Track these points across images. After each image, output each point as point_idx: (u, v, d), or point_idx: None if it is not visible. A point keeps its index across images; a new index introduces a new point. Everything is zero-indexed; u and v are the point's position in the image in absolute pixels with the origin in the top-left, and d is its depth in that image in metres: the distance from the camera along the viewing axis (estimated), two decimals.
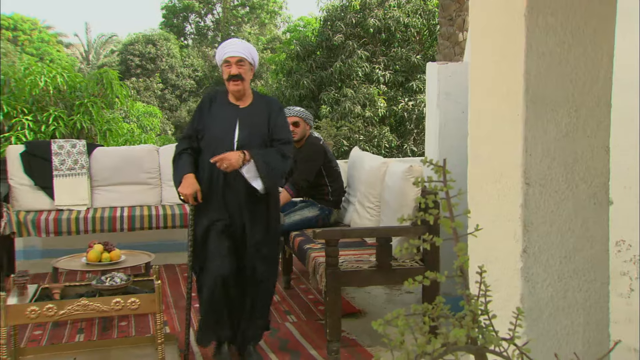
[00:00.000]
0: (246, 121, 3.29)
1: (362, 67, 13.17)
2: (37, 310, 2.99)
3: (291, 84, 14.10)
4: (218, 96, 3.39)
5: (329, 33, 13.74)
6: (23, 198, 5.06)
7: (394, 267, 3.49)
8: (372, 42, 13.77)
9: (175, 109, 27.69)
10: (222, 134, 3.26)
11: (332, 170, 4.56)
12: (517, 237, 1.94)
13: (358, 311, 4.20)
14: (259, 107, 3.34)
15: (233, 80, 3.25)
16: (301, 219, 4.43)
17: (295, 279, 4.96)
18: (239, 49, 3.26)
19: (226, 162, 3.10)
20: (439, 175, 1.33)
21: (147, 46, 27.43)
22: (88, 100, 7.99)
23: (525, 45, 1.87)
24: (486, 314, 1.32)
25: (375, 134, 12.70)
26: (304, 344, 3.60)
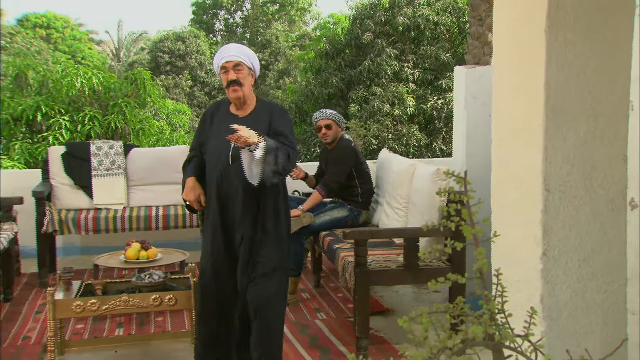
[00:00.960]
0: None
1: (391, 65, 13.24)
2: (81, 305, 3.21)
3: (320, 83, 14.24)
4: (221, 107, 3.24)
5: (358, 31, 13.83)
6: (64, 197, 5.30)
7: (421, 267, 3.62)
8: (401, 40, 13.84)
9: (204, 106, 28.05)
10: (218, 148, 3.07)
11: (363, 172, 4.70)
12: (538, 240, 2.06)
13: (386, 309, 4.34)
14: (259, 115, 3.12)
15: (231, 86, 3.05)
16: (330, 219, 4.57)
17: (325, 278, 5.11)
18: (235, 52, 3.08)
19: (241, 137, 2.83)
20: (461, 185, 1.47)
21: (177, 43, 27.83)
22: (122, 100, 8.26)
23: (545, 59, 1.99)
24: (503, 313, 1.46)
25: (404, 133, 12.77)
26: (334, 341, 3.75)
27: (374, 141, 11.72)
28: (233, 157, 3.02)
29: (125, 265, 4.07)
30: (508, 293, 2.01)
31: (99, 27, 74.58)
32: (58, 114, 7.94)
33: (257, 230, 3.05)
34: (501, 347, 1.42)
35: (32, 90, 8.56)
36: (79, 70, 8.31)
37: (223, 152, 3.05)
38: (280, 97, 22.60)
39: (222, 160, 3.04)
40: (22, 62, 8.56)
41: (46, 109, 7.86)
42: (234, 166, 3.01)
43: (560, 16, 1.97)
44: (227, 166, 3.03)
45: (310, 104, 14.71)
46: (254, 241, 3.05)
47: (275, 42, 29.05)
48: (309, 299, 4.60)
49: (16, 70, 8.47)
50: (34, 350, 3.58)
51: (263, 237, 3.06)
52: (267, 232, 3.07)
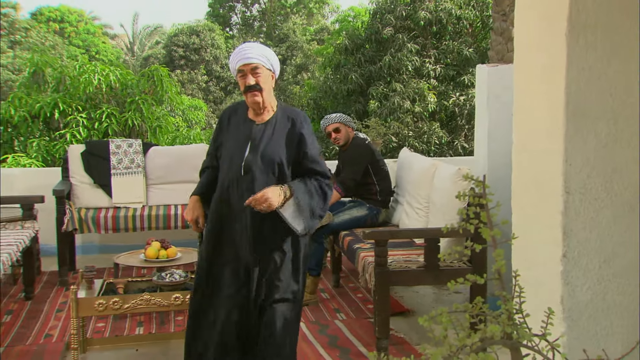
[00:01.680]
0: (258, 141, 2.92)
1: (412, 61, 13.29)
2: (104, 304, 3.33)
3: (339, 79, 14.32)
4: (239, 109, 3.06)
5: (378, 26, 13.89)
6: (83, 195, 5.46)
7: (441, 268, 3.71)
8: (423, 35, 13.87)
9: (220, 102, 28.25)
10: (231, 155, 2.94)
11: (380, 169, 4.79)
12: (558, 242, 2.13)
13: (406, 310, 4.42)
14: (279, 122, 2.96)
15: (250, 92, 2.87)
16: (350, 218, 4.67)
17: (344, 278, 5.21)
18: (253, 54, 2.87)
19: (265, 204, 2.77)
20: (480, 189, 1.55)
21: (191, 37, 28.04)
22: (139, 97, 8.41)
23: (566, 61, 2.06)
24: (520, 313, 1.55)
25: (425, 130, 12.82)
26: (353, 341, 3.85)
27: (394, 139, 11.78)
28: (246, 168, 2.89)
29: (145, 264, 4.20)
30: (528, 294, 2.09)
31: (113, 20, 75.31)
32: (75, 112, 8.11)
33: (273, 252, 2.91)
34: (519, 345, 1.51)
35: (50, 87, 8.75)
36: (97, 67, 8.48)
37: (235, 160, 2.91)
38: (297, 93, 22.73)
39: (234, 169, 2.90)
40: (39, 58, 8.74)
41: (63, 106, 8.02)
42: (247, 178, 2.88)
43: (581, 19, 2.04)
44: (239, 177, 2.90)
45: (329, 101, 14.80)
46: (269, 264, 2.91)
47: (293, 36, 29.16)
48: (329, 299, 4.70)
49: (34, 66, 8.65)
50: (56, 347, 3.72)
51: (279, 259, 2.92)
52: (284, 255, 2.93)
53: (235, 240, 2.91)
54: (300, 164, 2.95)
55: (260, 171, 2.87)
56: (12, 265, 3.97)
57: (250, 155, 2.89)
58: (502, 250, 1.56)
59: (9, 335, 3.90)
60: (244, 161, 2.88)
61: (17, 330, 4.00)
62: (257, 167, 2.87)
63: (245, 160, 2.88)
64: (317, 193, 2.93)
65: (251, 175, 2.87)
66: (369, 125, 6.82)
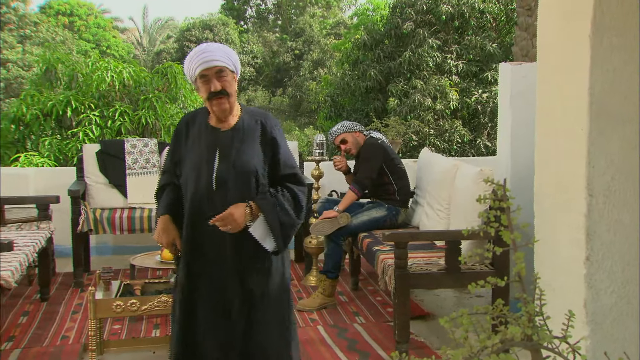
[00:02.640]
0: (228, 149, 2.70)
1: (432, 56, 13.32)
2: (122, 305, 3.44)
3: (357, 75, 14.39)
4: (197, 118, 2.81)
5: (398, 21, 13.93)
6: (98, 196, 5.58)
7: (463, 270, 3.77)
8: (444, 30, 13.89)
9: None
10: (197, 169, 2.69)
11: (396, 167, 4.86)
12: (581, 245, 2.20)
13: (427, 314, 4.49)
14: (246, 127, 2.75)
15: (216, 98, 2.65)
16: (369, 219, 4.74)
17: (363, 281, 5.28)
18: (216, 56, 2.66)
19: (230, 224, 2.59)
20: (500, 192, 1.63)
21: (204, 32, 28.23)
22: (153, 95, 8.54)
23: (590, 63, 2.13)
24: (541, 315, 1.62)
25: (447, 128, 12.85)
26: (373, 345, 3.92)
27: (414, 137, 11.83)
28: (219, 181, 2.66)
29: (161, 266, 4.31)
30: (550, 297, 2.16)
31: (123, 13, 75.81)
32: (88, 110, 8.26)
33: (258, 277, 2.73)
34: (539, 347, 1.58)
35: (62, 85, 8.92)
36: (110, 64, 8.62)
37: (204, 174, 2.67)
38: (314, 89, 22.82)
39: (204, 184, 2.66)
40: (51, 55, 8.90)
41: (76, 104, 8.17)
42: (220, 193, 2.65)
43: (605, 21, 2.11)
44: (211, 192, 2.66)
45: (347, 98, 14.87)
46: (254, 294, 2.73)
47: (309, 30, 29.25)
48: (347, 302, 4.78)
49: (46, 64, 8.82)
50: (73, 349, 3.84)
51: (264, 286, 2.74)
52: (269, 279, 2.75)
53: (212, 269, 2.70)
54: (273, 171, 2.76)
55: (235, 183, 2.66)
56: (28, 266, 4.09)
57: (221, 165, 2.66)
58: (522, 253, 1.63)
59: (26, 337, 4.03)
60: (216, 173, 2.65)
61: (34, 331, 4.13)
62: (231, 179, 2.66)
63: (217, 172, 2.65)
64: (288, 204, 2.72)
65: (225, 189, 2.65)
66: (388, 124, 6.88)
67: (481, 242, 3.89)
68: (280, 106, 28.12)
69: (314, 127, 21.40)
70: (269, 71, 30.26)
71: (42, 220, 4.90)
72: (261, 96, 28.48)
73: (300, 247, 5.70)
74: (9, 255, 3.75)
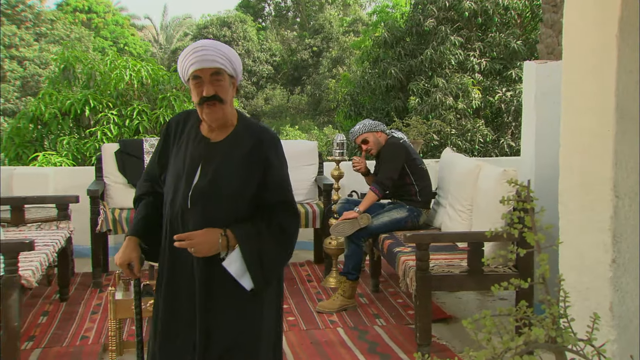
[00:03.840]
0: (212, 164, 2.41)
1: (455, 54, 13.30)
2: None
3: (377, 73, 14.40)
4: (190, 121, 2.53)
5: (419, 17, 13.93)
6: (117, 196, 5.67)
7: (486, 273, 3.78)
8: (467, 27, 13.86)
9: (251, 97, 28.58)
10: (176, 182, 2.42)
11: (417, 168, 4.88)
12: (607, 247, 2.22)
13: (449, 316, 4.51)
14: (240, 141, 2.45)
15: (207, 105, 2.35)
16: (390, 220, 4.77)
17: (384, 282, 5.32)
18: (213, 55, 2.37)
19: (195, 247, 2.30)
20: (524, 194, 1.66)
21: (222, 29, 28.40)
22: (171, 93, 8.64)
23: (616, 63, 2.15)
24: (565, 317, 1.65)
25: (469, 128, 12.82)
26: (394, 348, 3.95)
27: (435, 137, 11.82)
28: (194, 198, 2.38)
29: None
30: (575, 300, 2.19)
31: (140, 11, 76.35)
32: (106, 108, 8.37)
33: (229, 318, 2.41)
34: (563, 350, 1.61)
35: (80, 84, 9.05)
36: (128, 63, 8.73)
37: (180, 189, 2.40)
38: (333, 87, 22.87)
39: (178, 200, 2.40)
40: (70, 53, 9.03)
41: (94, 102, 8.29)
42: (194, 211, 2.37)
43: (632, 21, 2.12)
44: (185, 210, 2.39)
45: (367, 96, 14.89)
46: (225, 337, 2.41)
47: (329, 27, 29.31)
48: (367, 304, 4.82)
49: (64, 62, 8.95)
50: (93, 349, 3.91)
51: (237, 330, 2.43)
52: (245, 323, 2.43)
53: (183, 298, 2.42)
54: (262, 195, 2.44)
55: (212, 204, 2.37)
56: (48, 266, 4.18)
57: (200, 181, 2.39)
58: (546, 255, 1.66)
59: (46, 337, 4.11)
60: (192, 189, 2.38)
61: (54, 331, 4.21)
62: (208, 198, 2.37)
63: (194, 189, 2.38)
64: (274, 236, 2.41)
65: (200, 209, 2.36)
66: (409, 123, 6.91)
67: (504, 244, 3.91)
68: (298, 104, 28.21)
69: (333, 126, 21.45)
70: (287, 69, 30.36)
71: (61, 220, 4.99)
72: (279, 94, 28.60)
73: (320, 248, 5.74)
74: (29, 255, 3.83)
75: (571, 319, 1.64)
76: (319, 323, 4.39)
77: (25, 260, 3.76)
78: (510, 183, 1.65)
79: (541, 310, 1.65)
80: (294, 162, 6.02)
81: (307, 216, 5.66)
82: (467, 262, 3.82)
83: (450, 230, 4.47)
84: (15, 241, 3.67)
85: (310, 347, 3.94)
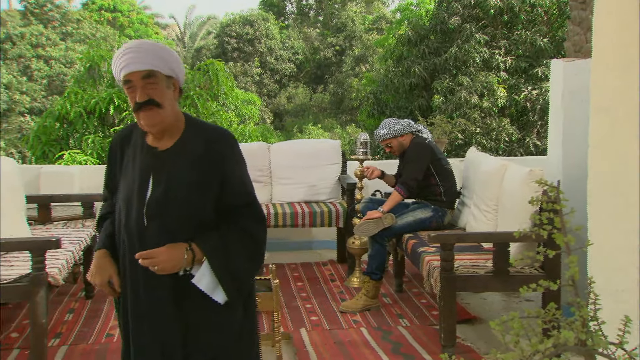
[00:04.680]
0: (163, 173, 2.23)
1: (480, 52, 13.23)
2: None
3: (401, 71, 14.37)
4: (133, 134, 2.34)
5: (444, 15, 13.87)
6: None
7: (511, 274, 3.76)
8: (493, 25, 13.77)
9: (274, 95, 28.66)
10: (129, 196, 2.24)
11: (443, 168, 4.86)
12: (637, 249, 2.19)
13: (473, 317, 4.49)
14: (189, 147, 2.27)
15: (143, 110, 2.16)
16: (414, 220, 4.75)
17: (407, 282, 5.30)
18: (143, 56, 2.18)
19: (158, 265, 2.12)
20: (553, 195, 1.64)
21: (244, 27, 28.49)
22: (194, 92, 8.70)
23: None
24: (595, 320, 1.63)
25: (494, 127, 12.74)
26: (418, 349, 3.94)
27: (460, 136, 11.76)
28: (150, 214, 2.20)
29: None
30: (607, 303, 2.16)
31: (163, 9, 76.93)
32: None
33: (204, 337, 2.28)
34: (594, 353, 1.59)
35: (105, 82, 9.15)
36: None
37: (134, 207, 2.22)
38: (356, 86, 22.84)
39: (133, 220, 2.21)
40: (95, 52, 9.14)
41: (118, 101, 8.39)
42: (152, 229, 2.20)
43: None
44: (142, 228, 2.21)
45: (390, 95, 14.86)
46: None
47: (351, 25, 29.28)
48: (391, 304, 4.81)
49: (89, 61, 9.06)
50: (118, 347, 3.92)
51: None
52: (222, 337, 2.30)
53: (147, 325, 2.26)
54: (222, 201, 2.26)
55: (170, 218, 2.20)
56: (73, 264, 4.23)
57: (154, 195, 2.20)
58: (576, 257, 1.65)
59: (72, 334, 4.17)
60: (147, 204, 2.20)
61: (79, 329, 4.26)
62: (166, 212, 2.19)
63: (148, 203, 2.20)
64: (241, 244, 2.25)
65: (158, 225, 2.19)
66: (433, 122, 6.88)
67: (530, 245, 3.88)
68: (321, 103, 28.23)
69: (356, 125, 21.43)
70: (310, 67, 30.39)
71: (86, 219, 5.05)
72: (302, 93, 28.64)
73: (344, 247, 5.74)
74: (56, 252, 3.88)
75: (601, 322, 1.62)
76: (342, 323, 4.39)
77: (52, 258, 3.81)
78: (539, 184, 1.64)
79: (570, 312, 1.64)
80: (318, 161, 6.07)
81: (331, 215, 5.67)
82: (492, 262, 3.80)
83: (475, 231, 4.44)
84: (42, 239, 3.73)
85: (334, 347, 3.95)
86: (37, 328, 3.49)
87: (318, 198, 6.00)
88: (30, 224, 4.74)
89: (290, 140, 7.09)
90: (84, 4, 33.25)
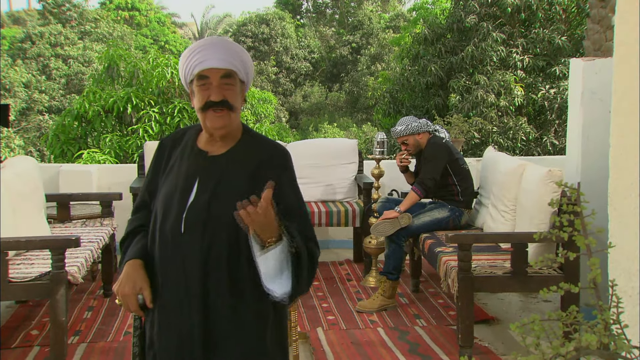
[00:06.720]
0: (211, 179, 2.04)
1: (497, 51, 13.14)
2: None
3: (417, 70, 14.32)
4: (185, 138, 2.16)
5: (460, 14, 13.79)
6: None
7: (530, 274, 3.73)
8: (510, 23, 13.67)
9: (289, 94, 28.70)
10: (168, 202, 2.04)
11: (460, 168, 4.84)
12: None
13: (491, 318, 4.46)
14: (242, 157, 2.08)
15: (214, 110, 1.99)
16: (431, 220, 4.74)
17: (424, 282, 5.28)
18: (226, 55, 2.03)
19: (251, 219, 1.78)
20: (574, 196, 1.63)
21: (260, 26, 28.54)
22: None
23: None
24: (618, 324, 1.61)
25: (511, 126, 12.66)
26: (435, 349, 3.93)
27: (476, 135, 11.70)
28: (189, 222, 1.99)
29: None
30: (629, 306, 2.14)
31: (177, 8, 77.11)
32: (148, 106, 8.50)
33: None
34: (616, 357, 1.58)
35: (123, 81, 9.21)
36: (170, 60, 8.86)
37: (172, 212, 2.01)
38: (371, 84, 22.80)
39: (170, 225, 2.01)
40: (114, 52, 9.19)
41: (136, 100, 8.44)
42: (188, 239, 1.99)
43: None
44: (177, 236, 2.00)
45: (406, 94, 14.82)
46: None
47: (368, 23, 29.24)
48: (408, 304, 4.79)
49: (108, 61, 9.12)
50: None
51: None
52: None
53: (174, 344, 2.02)
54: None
55: (211, 226, 1.98)
56: (92, 262, 4.27)
57: (197, 200, 2.00)
58: (598, 259, 1.63)
59: (91, 332, 4.20)
60: (187, 210, 2.00)
61: (98, 327, 4.30)
62: (208, 220, 1.98)
63: (189, 210, 1.99)
64: (307, 256, 1.96)
65: (196, 235, 1.97)
66: (450, 122, 6.85)
67: (548, 246, 3.85)
68: (336, 102, 28.21)
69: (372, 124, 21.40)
70: (326, 66, 30.39)
71: (105, 217, 5.08)
72: (317, 92, 28.65)
73: (360, 247, 5.74)
74: (75, 251, 3.91)
75: (624, 326, 1.60)
76: (359, 323, 4.38)
77: (71, 257, 3.84)
78: (559, 185, 1.62)
79: (591, 314, 1.62)
80: (334, 160, 6.06)
81: (347, 215, 5.66)
82: (510, 263, 3.78)
83: (492, 231, 4.42)
84: (62, 238, 3.75)
85: (351, 347, 3.95)
86: (57, 325, 3.52)
87: (335, 197, 5.99)
88: (50, 222, 4.78)
89: (307, 140, 7.09)
90: (101, 3, 33.47)
